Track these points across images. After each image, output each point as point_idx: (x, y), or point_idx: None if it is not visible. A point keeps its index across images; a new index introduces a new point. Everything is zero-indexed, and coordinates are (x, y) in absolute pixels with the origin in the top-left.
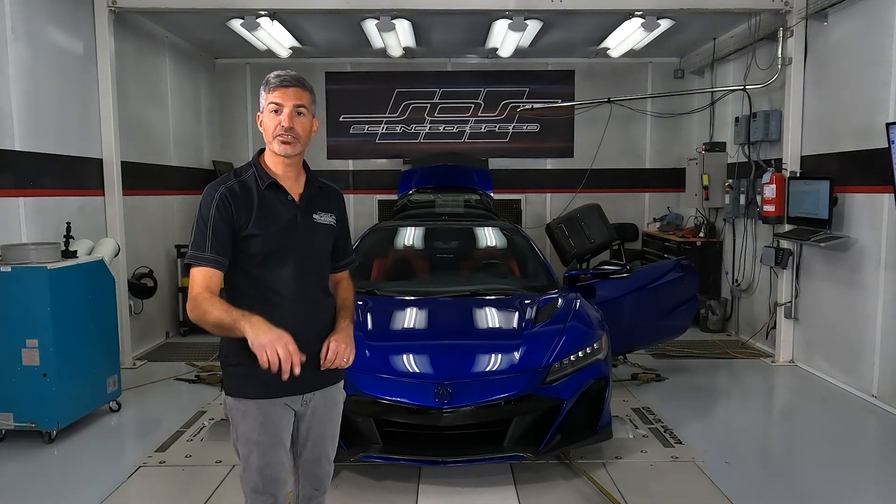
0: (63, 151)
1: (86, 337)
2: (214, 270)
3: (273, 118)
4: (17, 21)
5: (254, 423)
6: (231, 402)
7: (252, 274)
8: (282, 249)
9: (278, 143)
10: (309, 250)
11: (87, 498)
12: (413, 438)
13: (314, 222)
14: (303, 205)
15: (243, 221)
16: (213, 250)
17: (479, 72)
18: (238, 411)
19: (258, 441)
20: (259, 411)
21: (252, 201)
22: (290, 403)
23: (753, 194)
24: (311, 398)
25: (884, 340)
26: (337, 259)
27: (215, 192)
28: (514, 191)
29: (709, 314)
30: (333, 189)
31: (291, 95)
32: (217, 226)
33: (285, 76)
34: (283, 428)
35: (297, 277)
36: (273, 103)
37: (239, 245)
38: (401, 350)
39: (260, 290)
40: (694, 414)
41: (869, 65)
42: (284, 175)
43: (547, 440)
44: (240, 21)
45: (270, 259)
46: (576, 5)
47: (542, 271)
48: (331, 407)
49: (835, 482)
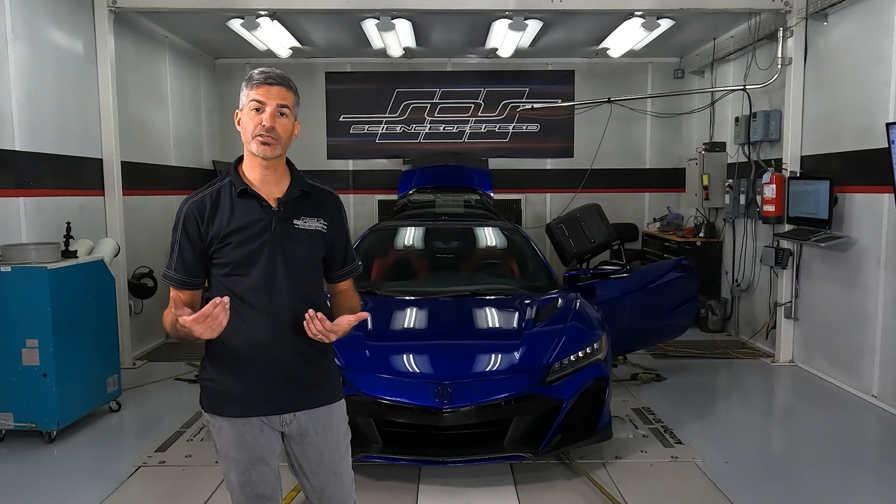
0: (63, 151)
1: (86, 337)
2: (180, 290)
3: (254, 116)
4: (17, 21)
5: (228, 441)
6: (206, 416)
7: (224, 284)
8: (252, 258)
9: (257, 144)
10: (286, 259)
11: (87, 498)
12: (413, 438)
13: (294, 228)
14: (280, 209)
15: (213, 233)
16: (177, 270)
17: (479, 72)
18: (214, 427)
19: (236, 459)
20: (233, 430)
21: (223, 211)
22: (267, 423)
23: (753, 194)
24: (291, 419)
25: (884, 340)
26: (334, 268)
27: (184, 208)
28: (514, 191)
29: (709, 314)
30: (325, 192)
31: (275, 94)
32: (182, 245)
33: (270, 73)
34: (263, 446)
35: (269, 286)
36: (255, 100)
37: (212, 257)
38: (401, 350)
39: (231, 299)
40: (694, 414)
41: (869, 65)
42: (263, 179)
43: (547, 440)
44: (240, 21)
45: (240, 268)
46: (576, 5)
47: (542, 271)
48: (321, 433)
49: (835, 482)
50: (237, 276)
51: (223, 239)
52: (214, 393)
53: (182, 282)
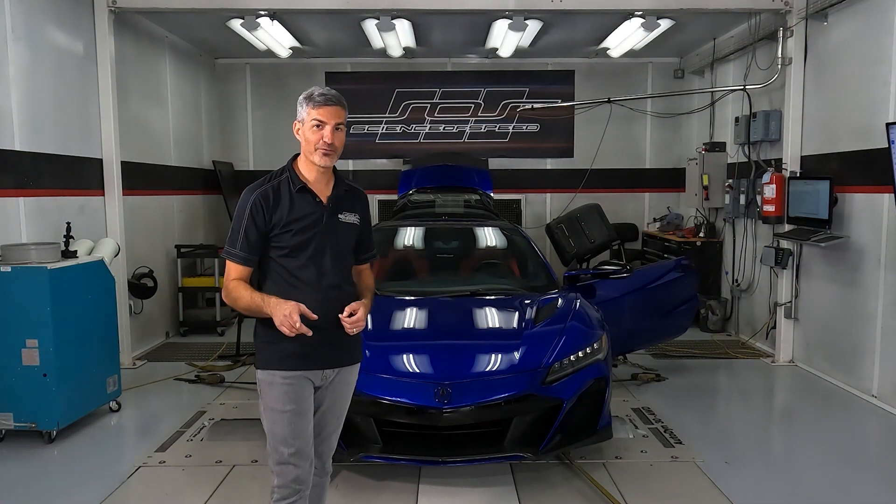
0: (63, 151)
1: (86, 337)
2: (243, 266)
3: (315, 132)
4: (17, 21)
5: (278, 392)
6: (260, 374)
7: (281, 264)
8: (307, 244)
9: (320, 156)
10: (332, 245)
11: (87, 498)
12: (413, 438)
13: (339, 221)
14: (330, 206)
15: (275, 220)
16: (242, 248)
17: (479, 72)
18: (265, 383)
19: (282, 411)
20: (283, 381)
21: (284, 202)
22: (310, 377)
23: (753, 194)
24: (330, 374)
25: (884, 340)
26: (360, 253)
27: (251, 195)
28: (514, 191)
29: (709, 314)
30: (359, 191)
31: (333, 114)
32: (248, 227)
33: (330, 96)
34: (304, 398)
35: (319, 268)
36: (317, 119)
37: (271, 240)
38: (401, 350)
39: (287, 277)
40: (694, 414)
41: (869, 65)
42: (316, 180)
43: (547, 440)
44: (240, 21)
45: (297, 252)
46: (576, 5)
47: (542, 271)
48: (344, 385)
49: (835, 482)
50: (292, 258)
51: (285, 226)
52: (270, 351)
53: (245, 258)
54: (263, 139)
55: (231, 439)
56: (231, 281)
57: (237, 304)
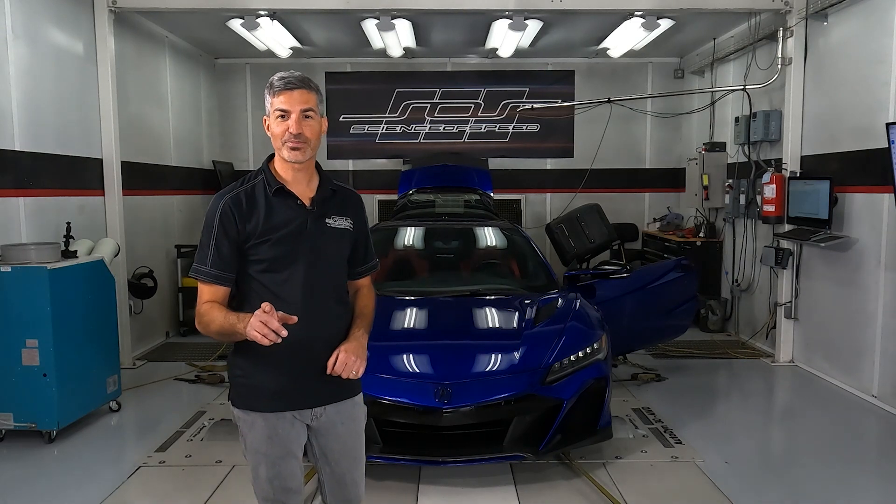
0: (63, 151)
1: (86, 337)
2: (217, 286)
3: (280, 124)
4: (17, 21)
5: (261, 435)
6: (237, 413)
7: (261, 281)
8: (289, 255)
9: (287, 150)
10: (319, 256)
11: (87, 498)
12: (413, 438)
13: (327, 227)
14: (314, 209)
15: (249, 230)
16: (213, 265)
17: (479, 72)
18: (245, 423)
19: (266, 453)
20: (266, 424)
21: (259, 208)
22: (298, 417)
23: (753, 194)
24: (321, 412)
25: (884, 340)
26: (356, 264)
27: (220, 202)
28: (514, 191)
29: (709, 314)
30: (350, 192)
31: (297, 99)
32: (219, 240)
33: (289, 78)
34: (292, 440)
35: (305, 284)
36: (279, 109)
37: (247, 252)
38: (401, 350)
39: (268, 297)
40: (694, 414)
41: (869, 65)
42: (294, 180)
43: (547, 440)
44: (240, 21)
45: (277, 265)
46: (576, 5)
47: (541, 271)
48: (347, 423)
49: (835, 482)
50: (273, 273)
51: (261, 235)
52: (247, 389)
53: (217, 276)
54: (263, 139)
55: (231, 439)
56: (203, 304)
57: (209, 328)
